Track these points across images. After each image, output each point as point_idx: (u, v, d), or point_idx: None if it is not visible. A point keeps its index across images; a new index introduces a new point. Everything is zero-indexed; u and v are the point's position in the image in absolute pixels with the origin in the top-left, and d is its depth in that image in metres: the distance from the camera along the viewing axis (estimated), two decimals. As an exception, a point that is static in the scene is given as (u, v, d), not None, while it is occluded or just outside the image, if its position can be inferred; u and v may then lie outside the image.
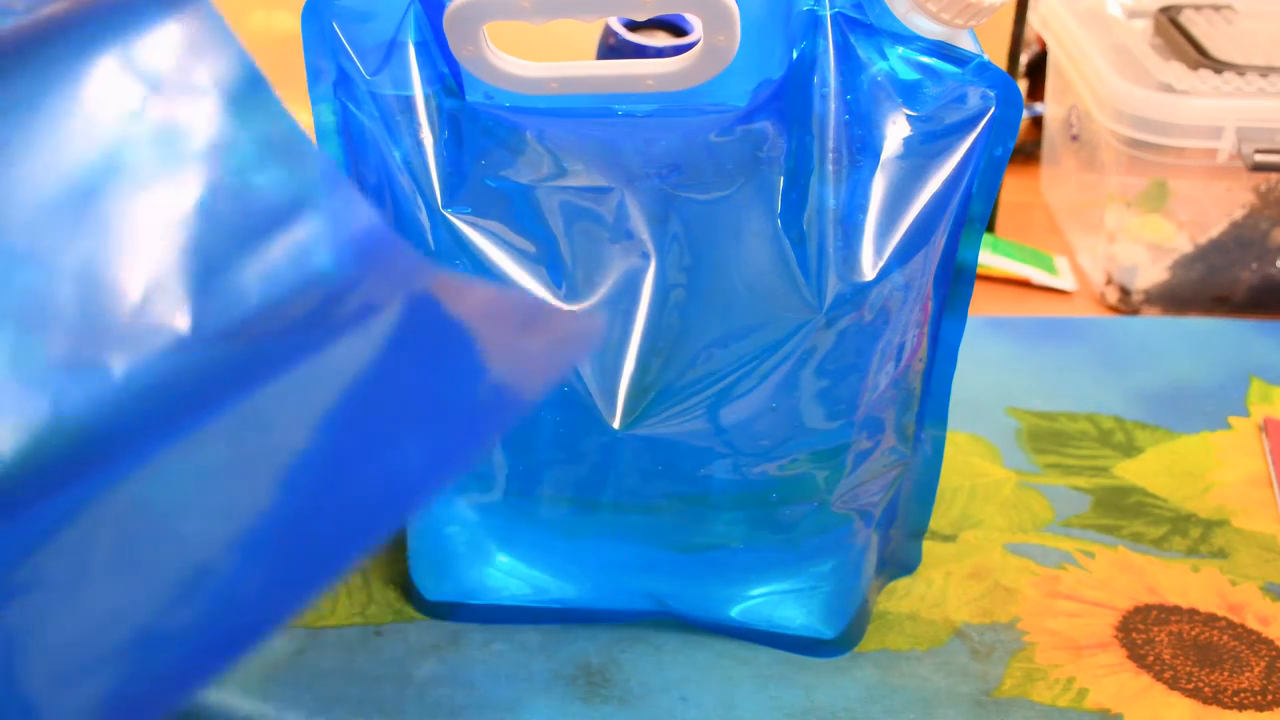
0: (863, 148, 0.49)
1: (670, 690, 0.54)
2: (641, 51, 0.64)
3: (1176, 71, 0.84)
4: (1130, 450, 0.69)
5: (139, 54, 0.38)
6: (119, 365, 0.36)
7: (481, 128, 0.50)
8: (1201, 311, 0.85)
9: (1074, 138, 0.95)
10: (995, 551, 0.62)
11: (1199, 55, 0.86)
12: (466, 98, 0.51)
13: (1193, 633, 0.57)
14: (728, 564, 0.55)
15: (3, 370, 0.34)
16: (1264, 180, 0.83)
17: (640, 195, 0.50)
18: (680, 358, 0.50)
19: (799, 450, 0.51)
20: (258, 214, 0.39)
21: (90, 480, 0.34)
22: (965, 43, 0.50)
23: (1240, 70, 0.84)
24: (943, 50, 0.49)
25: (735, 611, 0.56)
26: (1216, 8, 0.94)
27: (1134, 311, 0.86)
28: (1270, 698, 0.54)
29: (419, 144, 0.50)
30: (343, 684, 0.54)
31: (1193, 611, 0.59)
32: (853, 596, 0.56)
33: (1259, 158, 0.80)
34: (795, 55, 0.49)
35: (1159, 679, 0.55)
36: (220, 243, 0.38)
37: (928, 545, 0.62)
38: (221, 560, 0.32)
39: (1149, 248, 0.86)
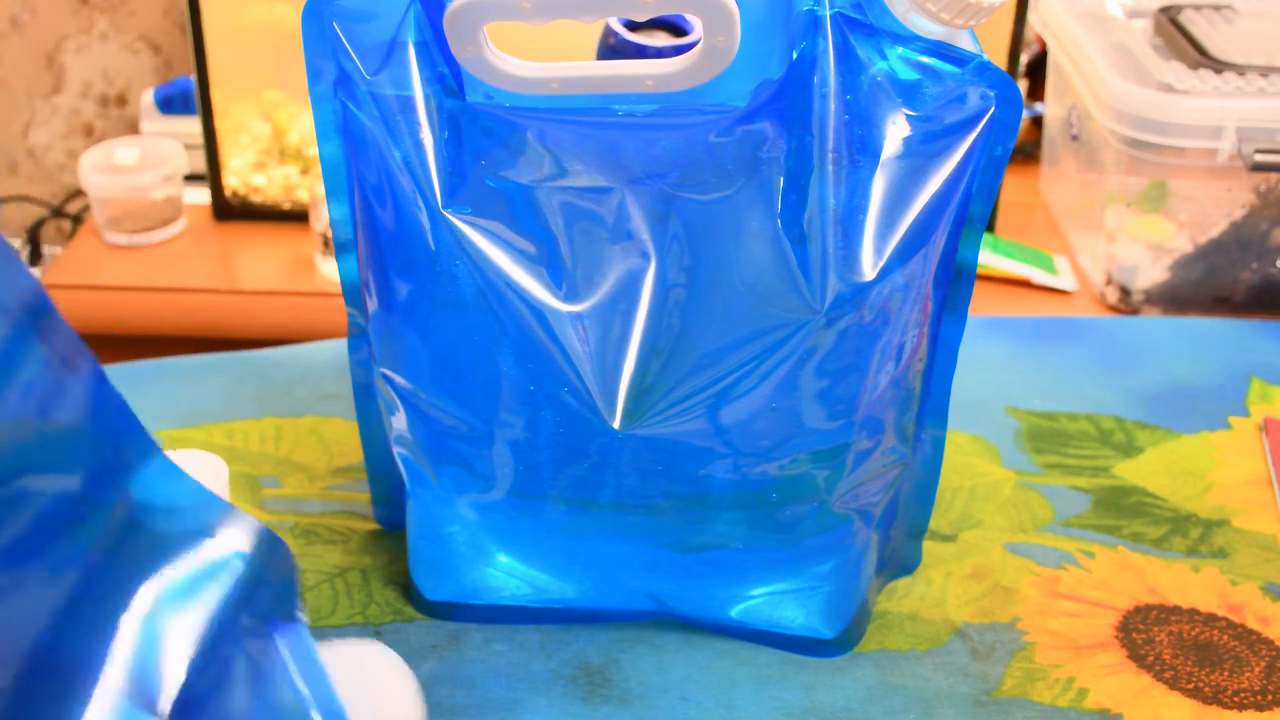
0: (863, 148, 0.49)
1: (670, 690, 0.54)
2: (641, 51, 0.64)
3: (1176, 71, 0.84)
4: (1130, 450, 0.69)
5: None
6: None
7: (481, 128, 0.50)
8: (1201, 311, 0.85)
9: (1074, 138, 0.95)
10: (995, 551, 0.62)
11: (1199, 55, 0.86)
12: (466, 98, 0.51)
13: (1193, 633, 0.57)
14: (728, 564, 0.55)
15: None
16: (1264, 180, 0.83)
17: (640, 195, 0.50)
18: (680, 358, 0.50)
19: (799, 450, 0.51)
20: None
21: None
22: (965, 43, 0.50)
23: (1240, 70, 0.84)
24: (942, 50, 0.49)
25: (735, 611, 0.56)
26: (1216, 8, 0.94)
27: (1134, 311, 0.86)
28: (1270, 698, 0.54)
29: (419, 144, 0.50)
30: (343, 684, 0.54)
31: (1193, 611, 0.59)
32: (853, 596, 0.56)
33: (1259, 158, 0.80)
34: (795, 55, 0.49)
35: (1159, 679, 0.55)
36: None
37: (928, 545, 0.62)
38: None
39: (1149, 248, 0.86)
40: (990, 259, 0.96)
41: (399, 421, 0.54)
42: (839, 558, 0.55)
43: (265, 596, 0.40)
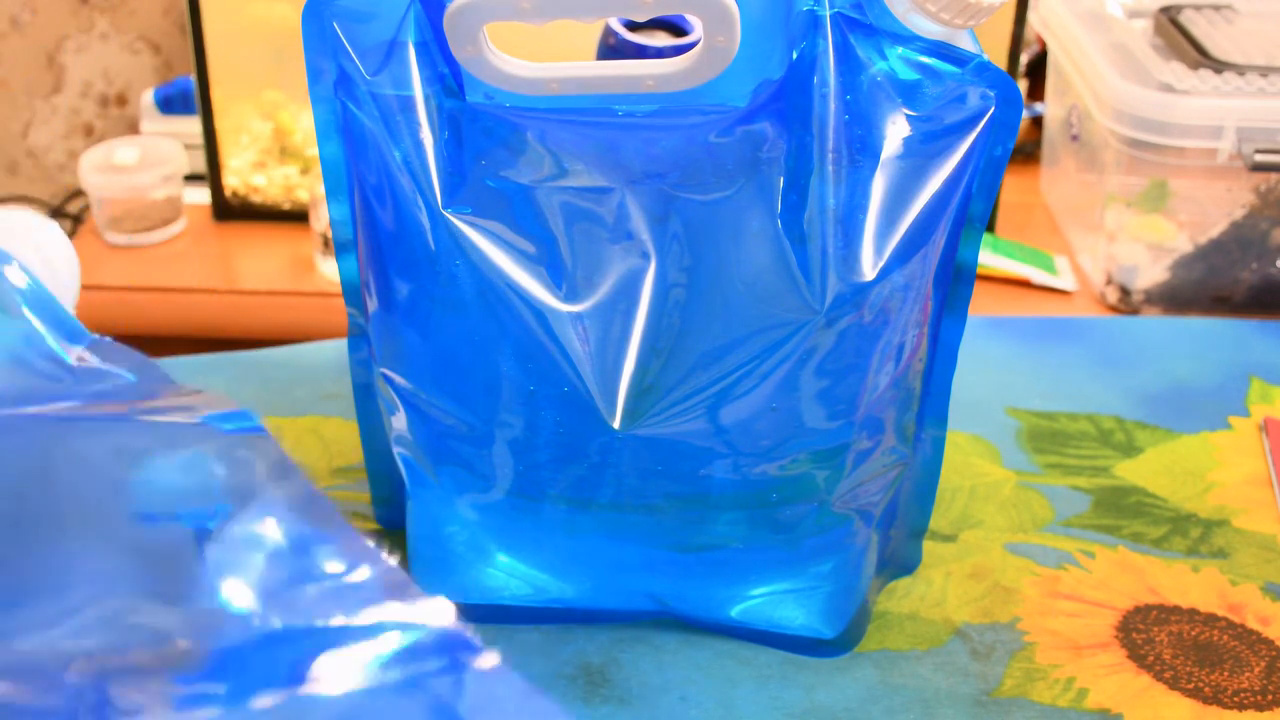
0: (863, 148, 0.49)
1: (670, 690, 0.54)
2: (641, 51, 0.64)
3: (1176, 71, 0.84)
4: (1130, 450, 0.69)
5: None
6: None
7: (481, 128, 0.50)
8: (1201, 311, 0.85)
9: (1074, 138, 0.95)
10: (995, 551, 0.62)
11: (1199, 55, 0.86)
12: (466, 98, 0.51)
13: (1193, 633, 0.57)
14: (728, 564, 0.55)
15: None
16: (1264, 180, 0.83)
17: (640, 195, 0.50)
18: (680, 358, 0.50)
19: (799, 450, 0.51)
20: None
21: None
22: (965, 43, 0.50)
23: (1240, 70, 0.84)
24: (942, 50, 0.49)
25: (735, 611, 0.56)
26: (1216, 8, 0.94)
27: (1134, 311, 0.86)
28: (1270, 698, 0.54)
29: (419, 144, 0.50)
30: (343, 684, 0.54)
31: (1193, 611, 0.59)
32: (853, 596, 0.56)
33: (1259, 158, 0.80)
34: (795, 55, 0.49)
35: (1159, 679, 0.55)
36: None
37: (928, 545, 0.62)
38: None
39: (1149, 248, 0.86)
40: (990, 259, 0.96)
41: (399, 421, 0.54)
42: (839, 558, 0.55)
43: None
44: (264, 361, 0.75)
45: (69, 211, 1.74)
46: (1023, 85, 1.13)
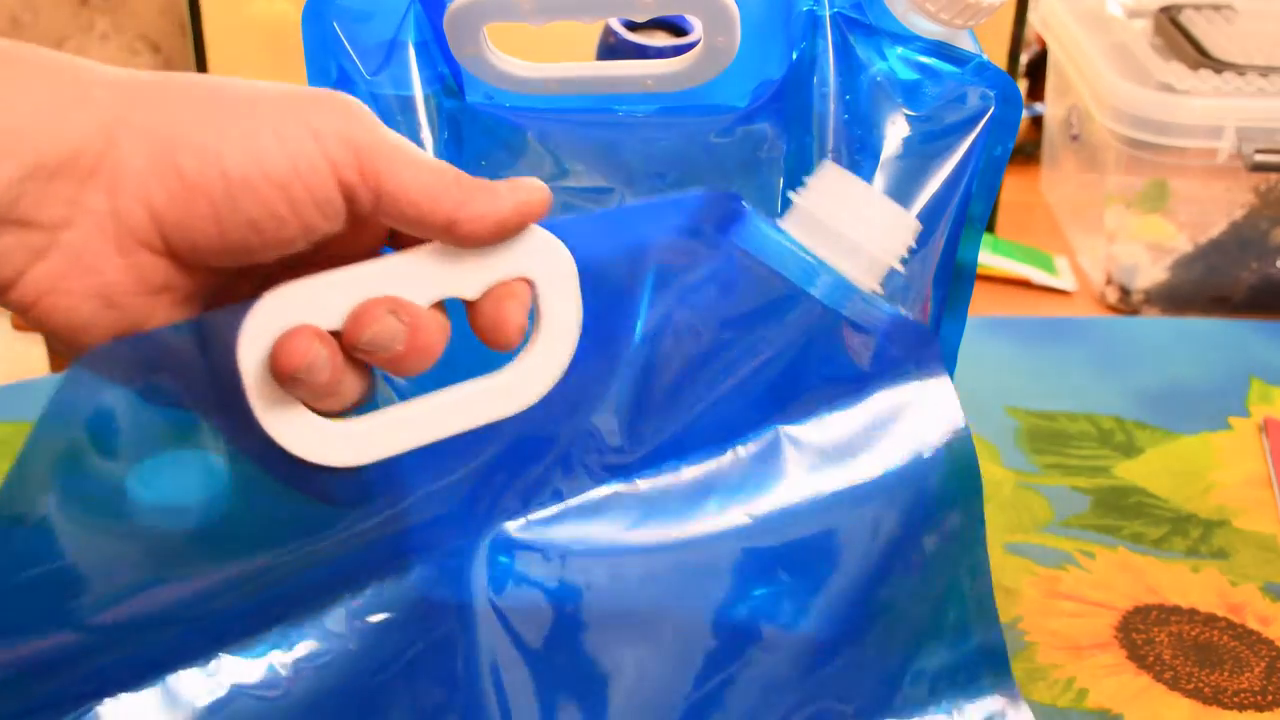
0: (862, 148, 0.49)
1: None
2: (641, 51, 0.64)
3: (1176, 71, 0.84)
4: (1130, 450, 0.69)
5: None
6: None
7: (481, 128, 0.50)
8: (1201, 311, 0.85)
9: (1074, 138, 0.95)
10: (995, 551, 0.62)
11: (1199, 55, 0.86)
12: (467, 98, 0.51)
13: (1193, 633, 0.57)
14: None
15: None
16: (1264, 180, 0.83)
17: (640, 195, 0.50)
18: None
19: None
20: None
21: None
22: (964, 43, 0.50)
23: (1240, 70, 0.84)
24: (942, 50, 0.49)
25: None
26: (1216, 8, 0.94)
27: (1134, 311, 0.86)
28: (1270, 698, 0.54)
29: (419, 144, 0.50)
30: (343, 684, 0.54)
31: (1193, 611, 0.59)
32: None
33: (1259, 158, 0.80)
34: (795, 56, 0.49)
35: (1159, 679, 0.55)
36: None
37: (928, 545, 0.61)
38: None
39: (1149, 248, 0.86)
40: (990, 259, 0.96)
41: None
42: (839, 558, 0.54)
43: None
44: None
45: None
46: (1023, 85, 1.13)
